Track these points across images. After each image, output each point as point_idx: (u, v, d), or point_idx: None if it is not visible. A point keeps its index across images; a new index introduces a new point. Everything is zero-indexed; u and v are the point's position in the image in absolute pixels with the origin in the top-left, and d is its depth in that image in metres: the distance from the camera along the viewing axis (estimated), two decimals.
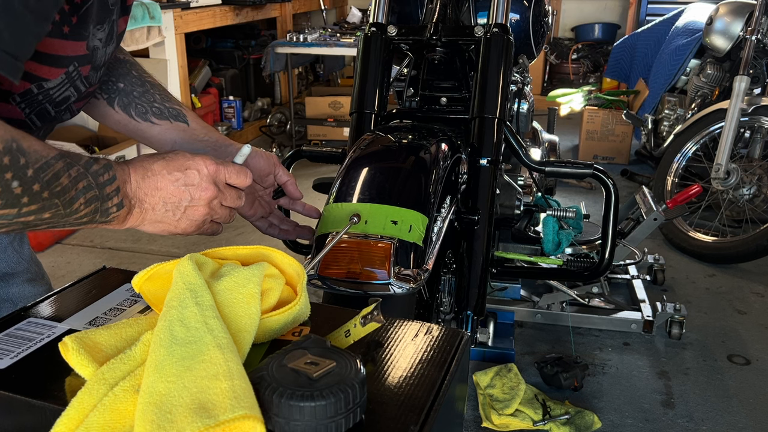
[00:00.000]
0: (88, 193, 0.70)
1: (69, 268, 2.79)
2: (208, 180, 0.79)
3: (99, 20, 0.79)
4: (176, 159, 0.78)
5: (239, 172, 0.82)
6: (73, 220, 0.71)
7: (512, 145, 1.49)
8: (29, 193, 0.64)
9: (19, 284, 1.05)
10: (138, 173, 0.76)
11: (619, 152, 4.13)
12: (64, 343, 0.62)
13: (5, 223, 0.65)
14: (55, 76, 0.79)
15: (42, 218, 0.67)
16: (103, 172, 0.72)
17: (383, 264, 0.97)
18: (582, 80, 5.82)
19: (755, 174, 2.88)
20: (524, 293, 2.34)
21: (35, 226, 0.68)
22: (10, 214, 0.64)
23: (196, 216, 0.80)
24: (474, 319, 1.33)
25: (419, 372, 0.64)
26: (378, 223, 1.01)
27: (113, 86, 1.00)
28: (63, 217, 0.69)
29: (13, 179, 0.62)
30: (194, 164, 0.78)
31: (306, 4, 5.32)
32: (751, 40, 2.87)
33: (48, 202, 0.66)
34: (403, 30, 1.48)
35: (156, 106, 1.01)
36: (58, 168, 0.67)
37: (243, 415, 0.52)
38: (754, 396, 1.96)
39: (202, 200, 0.79)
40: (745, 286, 2.66)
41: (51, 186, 0.66)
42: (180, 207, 0.78)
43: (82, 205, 0.70)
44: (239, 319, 0.65)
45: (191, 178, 0.78)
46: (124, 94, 1.00)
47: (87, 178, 0.70)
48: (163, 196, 0.77)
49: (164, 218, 0.79)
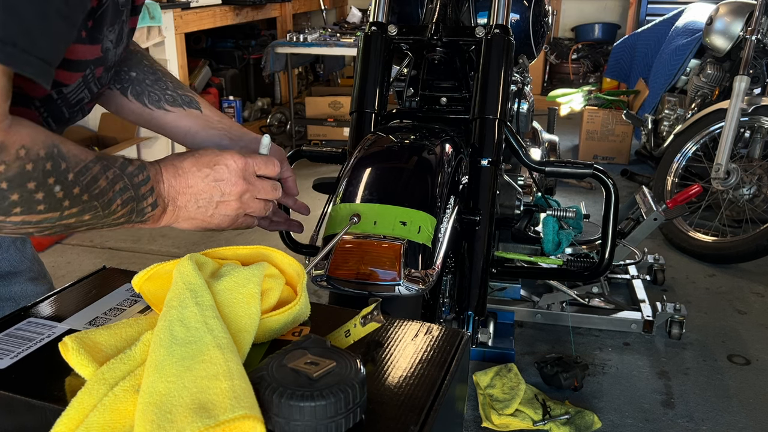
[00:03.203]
0: (125, 194, 0.71)
1: (69, 268, 2.79)
2: (237, 174, 0.79)
3: (111, 22, 0.80)
4: (205, 155, 0.79)
5: (267, 162, 0.83)
6: (111, 221, 0.72)
7: (512, 145, 1.49)
8: (70, 197, 0.66)
9: (22, 283, 1.05)
10: (169, 172, 0.77)
11: (619, 152, 4.13)
12: (64, 343, 0.62)
13: (48, 226, 0.67)
14: (73, 81, 0.80)
15: (82, 220, 0.69)
16: (138, 173, 0.73)
17: (393, 265, 0.97)
18: (582, 80, 5.82)
19: (755, 174, 2.88)
20: (524, 293, 2.34)
21: (76, 228, 0.70)
22: (53, 217, 0.66)
23: (228, 211, 0.81)
24: (475, 320, 1.33)
25: (419, 372, 0.64)
26: (387, 224, 1.01)
27: (125, 75, 1.00)
28: (102, 218, 0.71)
29: (56, 184, 0.64)
30: (222, 159, 0.79)
31: (306, 4, 5.32)
32: (751, 40, 2.87)
33: (88, 205, 0.68)
34: (404, 29, 1.48)
35: (169, 93, 1.01)
36: (96, 171, 0.68)
37: (243, 415, 0.52)
38: (754, 396, 1.96)
39: (233, 195, 0.80)
40: (745, 286, 2.66)
41: (90, 189, 0.68)
42: (212, 203, 0.79)
43: (119, 206, 0.72)
44: (239, 319, 0.65)
45: (220, 174, 0.79)
46: (137, 83, 1.01)
47: (123, 179, 0.71)
48: (194, 193, 0.78)
49: (197, 215, 0.80)
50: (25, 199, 0.63)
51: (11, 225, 0.64)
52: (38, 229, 0.67)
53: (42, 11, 0.61)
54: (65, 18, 0.64)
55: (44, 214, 0.65)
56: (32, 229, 0.67)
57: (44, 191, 0.63)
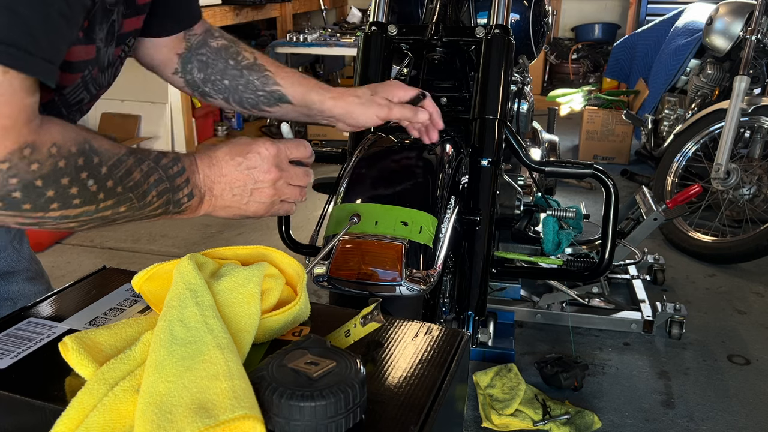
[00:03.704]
0: (160, 186, 0.73)
1: (69, 268, 2.79)
2: (270, 162, 0.81)
3: (100, 21, 0.80)
4: (238, 144, 0.81)
5: (298, 145, 0.85)
6: (148, 212, 0.74)
7: (512, 145, 1.49)
8: (104, 190, 0.68)
9: (19, 282, 1.05)
10: (204, 162, 0.79)
11: (619, 152, 4.13)
12: (64, 343, 0.62)
13: (87, 219, 0.69)
14: (72, 82, 0.81)
15: (119, 212, 0.71)
16: (172, 165, 0.75)
17: (395, 265, 0.97)
18: (582, 80, 5.82)
19: (755, 174, 2.87)
20: (524, 293, 2.34)
21: (114, 220, 0.72)
22: (90, 210, 0.68)
23: (263, 198, 0.82)
24: (475, 320, 1.33)
25: (419, 372, 0.64)
26: (388, 224, 1.01)
27: (220, 84, 1.04)
28: (138, 209, 0.72)
29: (89, 178, 0.66)
30: (255, 147, 0.81)
31: (306, 4, 5.32)
32: (751, 40, 2.87)
33: (122, 197, 0.70)
34: (404, 29, 1.48)
35: (261, 95, 1.04)
36: (129, 164, 0.70)
37: (243, 415, 0.52)
38: (754, 396, 1.96)
39: (266, 182, 0.81)
40: (745, 286, 2.66)
41: (124, 181, 0.69)
42: (246, 190, 0.81)
43: (155, 198, 0.73)
44: (239, 319, 0.65)
45: (253, 162, 0.80)
46: (232, 91, 1.04)
47: (158, 171, 0.73)
48: (229, 181, 0.80)
49: (233, 203, 0.81)
50: (61, 194, 0.64)
51: (52, 220, 0.66)
52: (78, 223, 0.69)
53: (44, 12, 0.61)
54: (67, 18, 0.65)
55: (81, 207, 0.67)
56: (73, 224, 0.68)
57: (78, 186, 0.65)
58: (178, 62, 1.03)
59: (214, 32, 1.05)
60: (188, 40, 1.03)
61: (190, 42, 1.04)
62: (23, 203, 0.63)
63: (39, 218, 0.65)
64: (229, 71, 1.04)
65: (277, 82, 1.05)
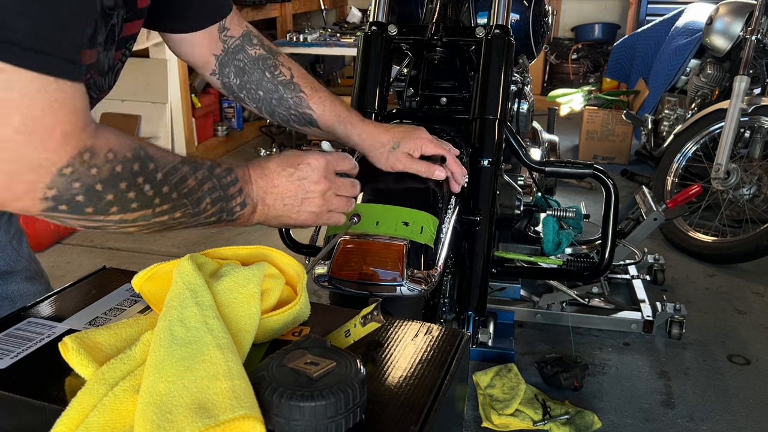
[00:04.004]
0: (214, 194, 0.75)
1: (69, 268, 2.79)
2: (319, 173, 0.84)
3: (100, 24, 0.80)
4: (289, 156, 0.85)
5: (344, 157, 0.90)
6: (202, 219, 0.76)
7: (512, 145, 1.49)
8: (160, 195, 0.70)
9: (19, 282, 1.05)
10: (256, 173, 0.82)
11: (619, 152, 4.13)
12: (64, 343, 0.62)
13: (145, 224, 0.71)
14: None
15: (174, 218, 0.73)
16: (226, 175, 0.77)
17: (396, 266, 0.97)
18: (582, 80, 5.82)
19: (755, 174, 2.87)
20: (524, 293, 2.34)
21: (171, 226, 0.74)
22: (147, 215, 0.70)
23: (312, 207, 0.85)
24: (475, 320, 1.33)
25: (419, 372, 0.64)
26: (390, 225, 1.01)
27: (255, 94, 1.07)
28: (193, 216, 0.75)
29: (145, 183, 0.68)
30: (305, 159, 0.84)
31: (306, 4, 5.32)
32: (751, 40, 2.87)
33: (178, 203, 0.72)
34: (404, 29, 1.48)
35: (293, 113, 1.08)
36: (184, 171, 0.72)
37: (243, 415, 0.52)
38: (754, 396, 1.96)
39: (317, 192, 0.85)
40: (745, 286, 2.66)
41: (179, 188, 0.72)
42: (297, 200, 0.84)
43: (209, 205, 0.76)
44: (239, 319, 0.65)
45: (304, 172, 0.84)
46: (266, 103, 1.08)
47: (211, 180, 0.75)
48: (281, 192, 0.83)
49: (284, 212, 0.84)
50: (119, 198, 0.66)
51: (112, 224, 0.68)
52: (137, 228, 0.71)
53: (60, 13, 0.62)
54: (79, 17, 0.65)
55: (138, 212, 0.69)
56: (132, 228, 0.71)
57: (135, 190, 0.67)
58: (215, 64, 1.05)
59: (252, 38, 1.07)
60: (225, 41, 1.04)
61: (227, 44, 1.05)
62: (86, 207, 0.65)
63: (101, 221, 0.68)
64: (264, 84, 1.06)
65: (309, 106, 1.08)
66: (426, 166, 1.09)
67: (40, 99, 0.58)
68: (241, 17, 1.07)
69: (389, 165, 1.09)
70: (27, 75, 0.57)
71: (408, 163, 1.08)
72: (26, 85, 0.57)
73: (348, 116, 1.10)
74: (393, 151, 1.08)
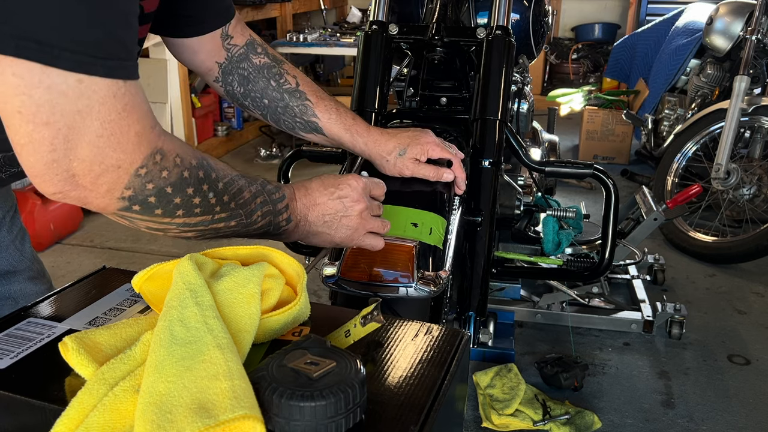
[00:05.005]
0: (264, 208, 0.80)
1: (69, 268, 2.79)
2: (359, 192, 0.89)
3: None
4: (329, 177, 0.90)
5: (379, 183, 0.94)
6: (252, 230, 0.80)
7: (512, 145, 1.49)
8: (221, 204, 0.74)
9: (21, 282, 1.05)
10: (300, 192, 0.86)
11: (619, 152, 4.13)
12: (64, 343, 0.62)
13: (202, 229, 0.74)
14: None
15: (229, 226, 0.76)
16: (275, 191, 0.82)
17: (407, 267, 0.97)
18: (582, 80, 5.82)
19: (755, 174, 2.87)
20: (524, 293, 2.34)
21: (224, 233, 0.77)
22: (206, 220, 0.73)
23: (350, 224, 0.89)
24: (476, 320, 1.33)
25: (419, 372, 0.64)
26: (398, 226, 1.00)
27: (260, 102, 1.09)
28: (245, 226, 0.78)
29: (209, 191, 0.72)
30: (346, 180, 0.89)
31: (306, 4, 5.32)
32: (751, 40, 2.87)
33: (234, 212, 0.76)
34: (404, 29, 1.48)
35: (298, 121, 1.10)
36: (241, 184, 0.76)
37: (243, 415, 0.52)
38: (754, 396, 1.96)
39: (355, 210, 0.88)
40: (745, 286, 2.66)
41: (236, 198, 0.76)
42: (336, 217, 0.88)
43: (260, 218, 0.79)
44: (239, 319, 0.65)
45: (345, 191, 0.88)
46: (271, 111, 1.10)
47: (263, 194, 0.80)
48: (322, 210, 0.87)
49: (323, 229, 0.88)
50: (186, 202, 0.70)
51: (175, 227, 0.71)
52: (195, 233, 0.74)
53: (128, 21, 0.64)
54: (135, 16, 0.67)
55: (200, 217, 0.72)
56: (190, 233, 0.74)
57: (200, 196, 0.71)
58: (218, 71, 1.06)
59: (256, 47, 1.07)
60: (228, 50, 1.04)
61: (230, 52, 1.05)
62: (156, 208, 0.68)
63: (166, 224, 0.70)
64: (269, 92, 1.08)
65: (315, 114, 1.09)
66: (434, 170, 1.10)
67: (115, 103, 0.61)
68: (245, 26, 1.07)
69: (397, 171, 1.10)
70: (103, 83, 0.60)
71: (415, 169, 1.09)
72: (103, 91, 0.60)
73: (354, 124, 1.10)
74: (400, 158, 1.09)
